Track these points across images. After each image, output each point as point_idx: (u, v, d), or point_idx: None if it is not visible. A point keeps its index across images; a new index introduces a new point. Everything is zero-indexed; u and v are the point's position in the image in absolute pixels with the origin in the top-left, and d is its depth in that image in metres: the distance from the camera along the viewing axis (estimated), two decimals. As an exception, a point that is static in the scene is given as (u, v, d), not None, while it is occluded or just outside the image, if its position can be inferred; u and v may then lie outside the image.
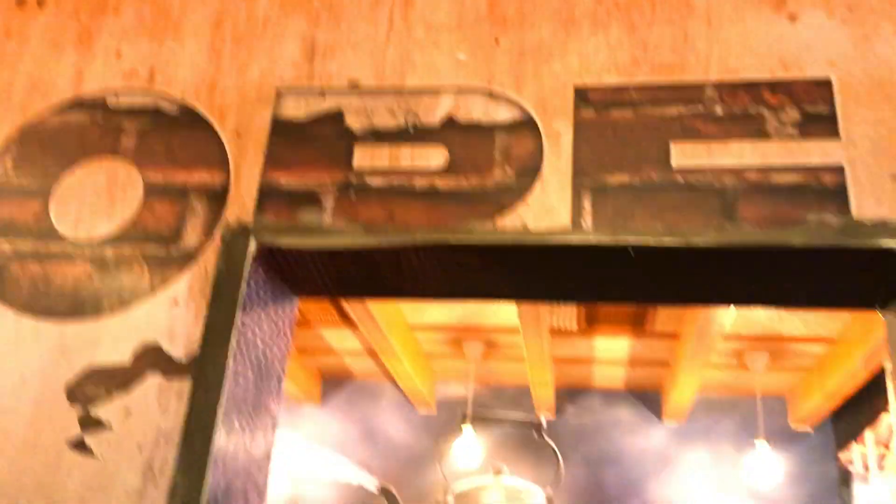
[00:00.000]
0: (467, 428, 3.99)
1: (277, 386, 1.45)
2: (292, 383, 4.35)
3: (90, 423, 1.20)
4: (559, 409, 4.45)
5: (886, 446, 3.50)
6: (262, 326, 1.35)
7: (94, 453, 1.18)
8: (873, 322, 3.08)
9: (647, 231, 1.16)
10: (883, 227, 1.11)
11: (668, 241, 1.15)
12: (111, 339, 1.25)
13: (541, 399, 4.30)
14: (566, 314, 3.54)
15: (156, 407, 1.19)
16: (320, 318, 3.81)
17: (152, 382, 1.21)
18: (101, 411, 1.21)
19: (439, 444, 4.41)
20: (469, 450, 3.97)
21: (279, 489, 4.43)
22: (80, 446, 1.19)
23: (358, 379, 4.65)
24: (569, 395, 4.47)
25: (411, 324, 3.83)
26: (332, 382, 4.67)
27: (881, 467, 3.54)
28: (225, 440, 1.19)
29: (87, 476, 1.17)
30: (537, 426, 4.12)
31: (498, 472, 3.68)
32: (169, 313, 1.26)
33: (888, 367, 1.24)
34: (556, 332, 3.74)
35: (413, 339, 3.99)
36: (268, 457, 1.40)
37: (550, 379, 4.08)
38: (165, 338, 1.24)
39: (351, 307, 3.20)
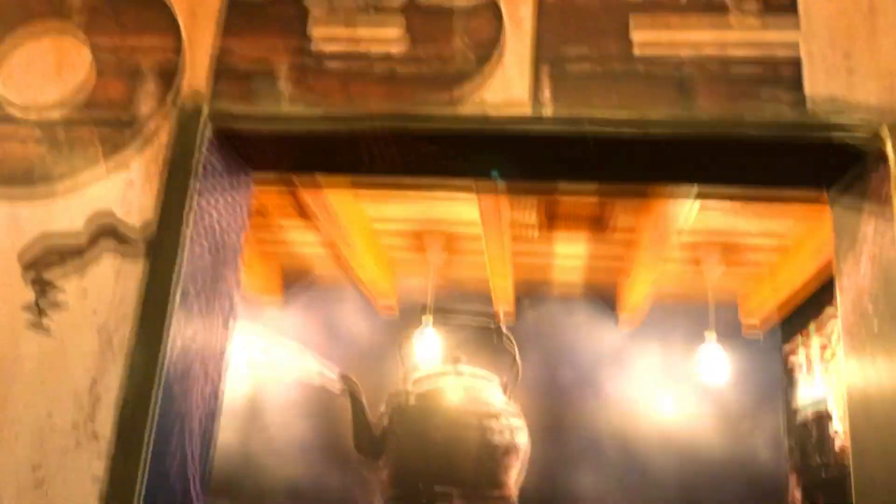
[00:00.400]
0: (428, 324, 4.06)
1: (235, 268, 1.45)
2: (252, 279, 4.36)
3: (46, 302, 1.20)
4: (518, 313, 4.54)
5: (829, 339, 3.64)
6: (219, 208, 1.35)
7: (51, 332, 1.18)
8: (824, 223, 3.16)
9: (605, 114, 1.16)
10: (832, 108, 1.12)
11: (626, 122, 1.15)
12: (65, 218, 1.23)
13: (500, 301, 4.37)
14: (527, 213, 3.57)
15: (112, 285, 1.19)
16: (281, 215, 3.80)
17: (108, 261, 1.21)
18: (58, 290, 1.20)
19: (400, 339, 4.49)
20: (429, 347, 4.05)
21: (239, 387, 4.50)
22: (36, 326, 1.19)
23: (320, 281, 4.67)
24: (528, 299, 4.55)
25: (374, 227, 3.84)
26: (293, 280, 4.68)
27: (823, 360, 3.70)
28: (182, 318, 1.20)
29: (45, 354, 1.18)
30: (496, 322, 4.21)
31: (456, 362, 3.76)
32: (124, 192, 1.24)
33: (835, 265, 1.28)
34: (517, 237, 3.77)
35: (375, 242, 4.00)
36: (227, 337, 1.41)
37: (510, 283, 4.14)
38: (120, 216, 1.23)
39: (312, 203, 3.19)
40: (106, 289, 1.19)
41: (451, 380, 4.38)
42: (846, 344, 1.27)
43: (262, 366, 4.54)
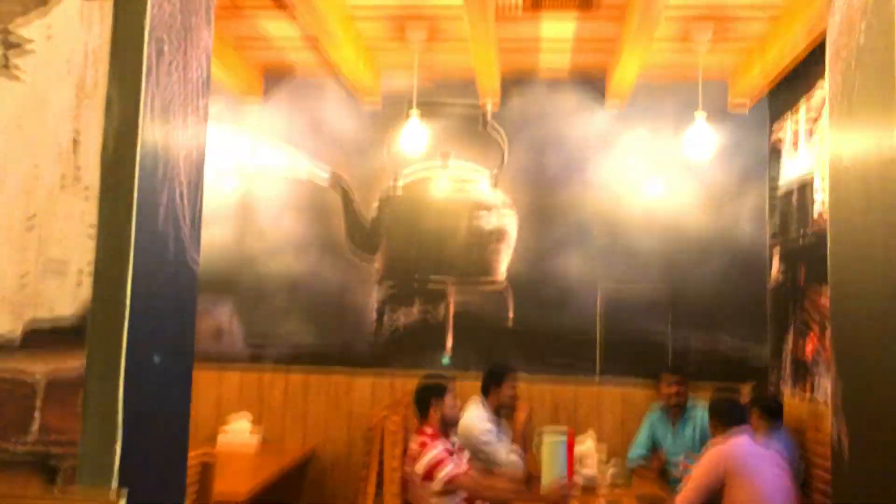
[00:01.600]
0: (413, 116, 4.02)
1: (207, 21, 1.40)
2: (233, 78, 4.26)
3: (11, 47, 1.16)
4: (504, 98, 4.47)
5: (819, 114, 3.63)
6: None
7: (21, 78, 1.16)
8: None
9: None
10: None
11: None
12: (19, -42, 1.17)
13: (486, 87, 4.30)
14: (511, -7, 3.43)
15: (78, 25, 1.15)
16: (256, 6, 3.65)
17: (73, 5, 1.16)
18: (21, 34, 1.16)
19: (386, 133, 4.46)
20: (415, 137, 4.03)
21: (230, 186, 4.51)
22: (3, 73, 1.16)
23: (300, 74, 4.56)
24: (514, 83, 4.47)
25: (353, 13, 3.69)
26: (275, 78, 4.58)
27: (811, 133, 3.70)
28: (155, 57, 1.17)
29: (18, 101, 1.16)
30: (481, 110, 4.16)
31: (445, 156, 3.76)
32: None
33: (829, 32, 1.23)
34: (502, 16, 3.64)
35: (354, 27, 3.87)
36: (205, 93, 1.39)
37: (496, 66, 4.05)
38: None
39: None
40: (73, 34, 1.15)
41: (439, 171, 4.41)
42: (832, 70, 1.25)
43: (250, 165, 4.53)
